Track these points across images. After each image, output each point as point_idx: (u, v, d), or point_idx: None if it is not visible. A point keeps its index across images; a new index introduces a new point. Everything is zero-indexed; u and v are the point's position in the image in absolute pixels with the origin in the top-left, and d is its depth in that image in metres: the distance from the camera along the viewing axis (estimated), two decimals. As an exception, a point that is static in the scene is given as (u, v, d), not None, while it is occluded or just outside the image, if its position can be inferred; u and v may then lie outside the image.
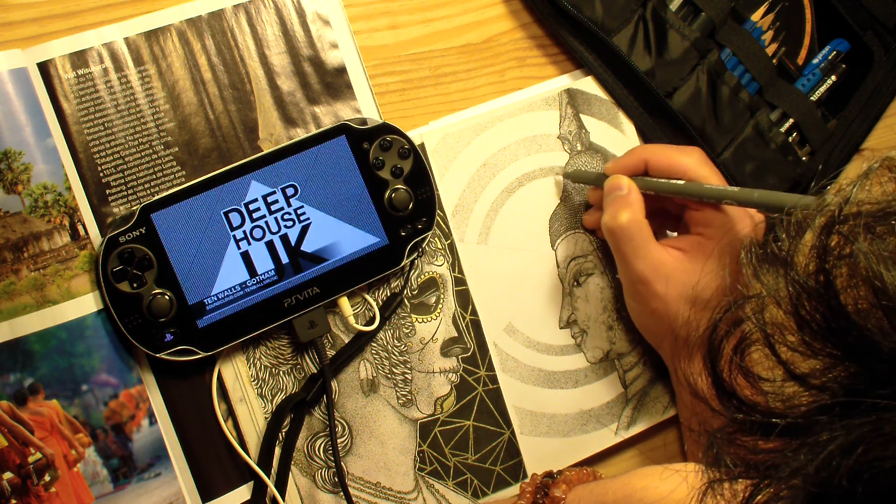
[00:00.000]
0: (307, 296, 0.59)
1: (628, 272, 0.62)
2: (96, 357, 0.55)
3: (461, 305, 0.65)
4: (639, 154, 0.64)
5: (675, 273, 0.60)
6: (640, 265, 0.61)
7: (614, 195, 0.62)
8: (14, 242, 0.54)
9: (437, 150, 0.64)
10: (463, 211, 0.65)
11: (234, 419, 0.60)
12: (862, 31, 0.74)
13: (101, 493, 0.55)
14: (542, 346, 0.67)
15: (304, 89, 0.61)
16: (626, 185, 0.62)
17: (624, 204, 0.61)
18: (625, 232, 0.61)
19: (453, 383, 0.64)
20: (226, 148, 0.59)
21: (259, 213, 0.58)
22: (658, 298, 0.61)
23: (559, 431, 0.67)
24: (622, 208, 0.61)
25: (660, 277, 0.60)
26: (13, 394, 0.53)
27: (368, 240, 0.60)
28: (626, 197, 0.62)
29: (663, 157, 0.62)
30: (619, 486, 0.53)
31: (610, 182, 0.63)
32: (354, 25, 0.63)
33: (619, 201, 0.62)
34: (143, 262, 0.55)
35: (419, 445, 0.63)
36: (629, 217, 0.61)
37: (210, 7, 0.59)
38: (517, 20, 0.68)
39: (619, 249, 0.62)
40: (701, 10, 0.68)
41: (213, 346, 0.57)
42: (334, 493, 0.61)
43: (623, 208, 0.61)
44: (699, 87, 0.67)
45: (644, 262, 0.61)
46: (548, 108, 0.68)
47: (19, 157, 0.54)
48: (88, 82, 0.56)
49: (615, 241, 0.62)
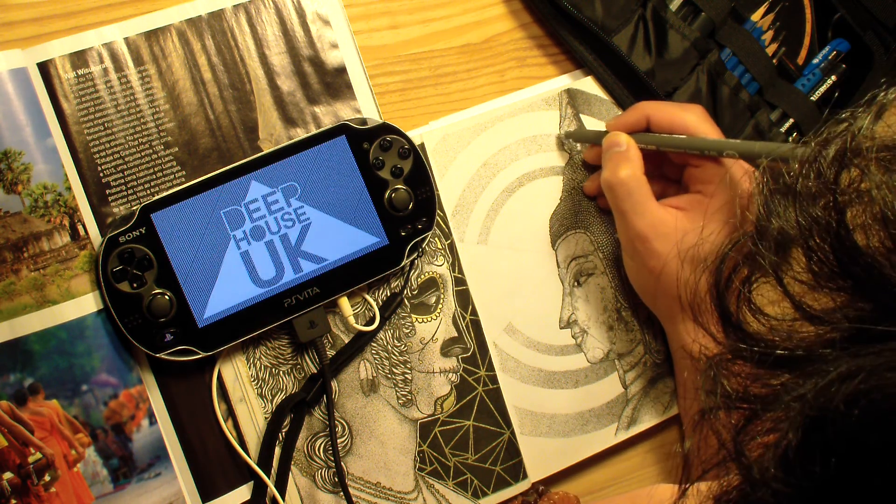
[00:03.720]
0: (307, 296, 0.59)
1: (627, 229, 0.62)
2: (96, 357, 0.55)
3: (461, 305, 0.65)
4: (640, 110, 0.63)
5: (674, 231, 0.60)
6: (638, 222, 0.60)
7: (613, 151, 0.62)
8: (14, 242, 0.54)
9: (437, 150, 0.64)
10: (463, 211, 0.65)
11: (234, 419, 0.60)
12: (862, 31, 0.74)
13: (101, 493, 0.55)
14: (542, 346, 0.67)
15: (304, 89, 0.61)
16: (624, 142, 0.62)
17: (623, 159, 0.61)
18: (624, 187, 0.61)
19: (453, 383, 0.64)
20: (226, 148, 0.59)
21: (259, 213, 0.58)
22: (656, 256, 0.60)
23: (559, 431, 0.67)
24: (621, 163, 0.61)
25: (658, 235, 0.60)
26: (13, 394, 0.53)
27: (368, 240, 0.60)
28: (626, 153, 0.61)
29: (665, 113, 0.62)
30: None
31: (609, 139, 0.63)
32: (354, 25, 0.63)
33: (617, 157, 0.62)
34: (143, 262, 0.55)
35: (419, 445, 0.63)
36: (628, 172, 0.61)
37: (210, 7, 0.59)
38: (517, 20, 0.68)
39: (617, 206, 0.62)
40: (701, 10, 0.68)
41: (213, 346, 0.57)
42: (334, 493, 0.61)
43: (622, 163, 0.61)
44: (699, 87, 0.67)
45: (643, 218, 0.60)
46: (548, 108, 0.68)
47: (19, 157, 0.54)
48: (88, 82, 0.56)
49: (614, 197, 0.62)
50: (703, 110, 0.63)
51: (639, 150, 0.62)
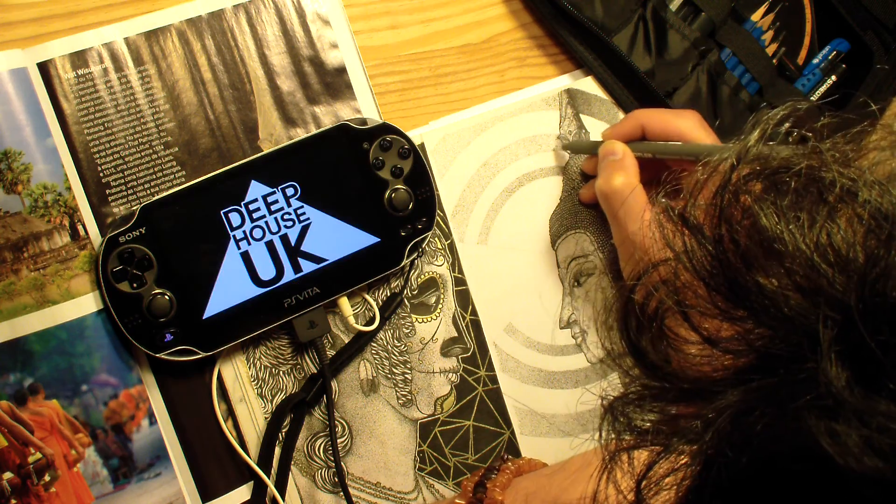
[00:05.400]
0: (307, 296, 0.59)
1: (623, 236, 0.62)
2: (96, 357, 0.55)
3: (461, 305, 0.65)
4: (635, 118, 0.63)
5: None
6: (634, 229, 0.60)
7: (609, 160, 0.62)
8: (14, 242, 0.54)
9: (437, 150, 0.64)
10: (463, 211, 0.65)
11: (234, 419, 0.60)
12: (862, 31, 0.74)
13: (101, 493, 0.55)
14: (542, 346, 0.67)
15: (304, 89, 0.61)
16: (620, 150, 0.62)
17: (618, 168, 0.61)
18: (619, 195, 0.61)
19: (453, 383, 0.64)
20: (226, 148, 0.59)
21: (259, 213, 0.58)
22: None
23: (559, 431, 0.67)
24: (616, 172, 0.61)
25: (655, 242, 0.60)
26: (13, 394, 0.53)
27: (368, 240, 0.60)
28: (621, 161, 0.62)
29: (660, 120, 0.62)
30: (565, 484, 0.52)
31: (604, 148, 0.63)
32: (354, 25, 0.63)
33: (613, 165, 0.62)
34: (143, 262, 0.55)
35: (419, 445, 0.63)
36: (623, 181, 0.61)
37: (210, 7, 0.59)
38: (517, 20, 0.68)
39: (613, 213, 0.62)
40: (701, 10, 0.68)
41: (213, 346, 0.57)
42: (334, 493, 0.61)
43: (617, 172, 0.61)
44: (699, 87, 0.67)
45: (639, 225, 0.60)
46: (548, 108, 0.68)
47: (19, 157, 0.54)
48: (88, 82, 0.56)
49: (609, 205, 0.62)
50: (698, 116, 0.63)
51: (634, 159, 0.62)
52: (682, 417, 0.29)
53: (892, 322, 0.25)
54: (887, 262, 0.26)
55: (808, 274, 0.27)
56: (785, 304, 0.27)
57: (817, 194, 0.28)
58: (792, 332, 0.27)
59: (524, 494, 0.54)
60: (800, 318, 0.27)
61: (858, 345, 0.25)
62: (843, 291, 0.26)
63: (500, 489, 0.55)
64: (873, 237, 0.27)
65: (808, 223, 0.28)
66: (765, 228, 0.28)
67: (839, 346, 0.25)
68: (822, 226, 0.27)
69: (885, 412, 0.24)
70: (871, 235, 0.27)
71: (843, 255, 0.27)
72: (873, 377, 0.25)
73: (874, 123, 0.31)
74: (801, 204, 0.28)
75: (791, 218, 0.28)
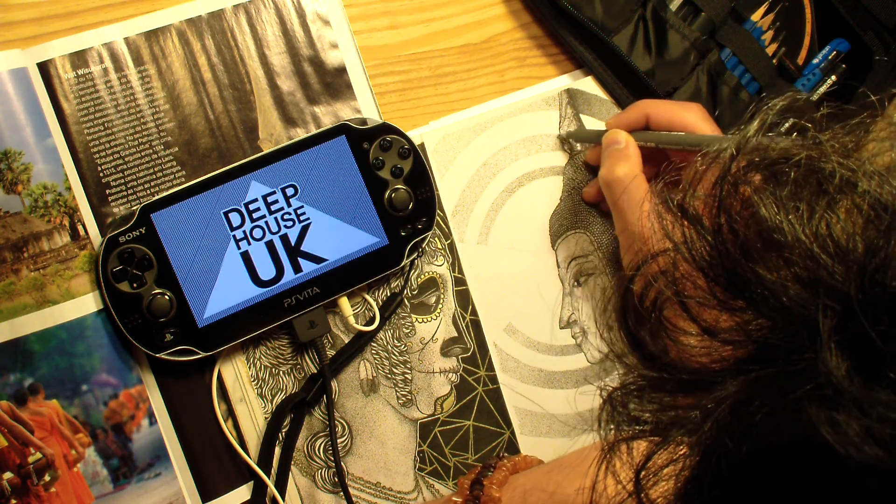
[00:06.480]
0: (307, 296, 0.59)
1: (624, 225, 0.62)
2: (96, 357, 0.55)
3: (461, 305, 0.65)
4: (640, 108, 0.63)
5: None
6: (634, 219, 0.60)
7: (612, 149, 0.62)
8: (14, 242, 0.54)
9: (437, 150, 0.64)
10: (463, 211, 0.65)
11: (234, 419, 0.59)
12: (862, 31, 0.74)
13: (101, 493, 0.55)
14: (542, 346, 0.67)
15: (304, 89, 0.61)
16: (623, 139, 0.62)
17: (621, 157, 0.61)
18: (621, 184, 0.61)
19: (453, 383, 0.64)
20: (226, 148, 0.59)
21: (259, 213, 0.58)
22: None
23: (559, 431, 0.67)
24: (619, 161, 0.61)
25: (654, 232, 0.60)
26: (13, 394, 0.53)
27: (368, 240, 0.60)
28: (624, 150, 0.61)
29: (664, 111, 0.62)
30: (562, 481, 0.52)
31: (608, 137, 0.63)
32: (354, 25, 0.63)
33: (616, 154, 0.62)
34: (143, 262, 0.55)
35: (419, 445, 0.63)
36: (626, 170, 0.61)
37: (210, 7, 0.59)
38: (517, 20, 0.68)
39: (615, 203, 0.62)
40: (701, 10, 0.68)
41: (213, 346, 0.57)
42: (334, 493, 0.61)
43: (620, 161, 0.61)
44: (699, 87, 0.67)
45: (638, 215, 0.60)
46: (548, 108, 0.68)
47: (19, 157, 0.54)
48: (88, 82, 0.56)
49: (611, 195, 0.62)
50: (702, 109, 0.63)
51: (637, 148, 0.62)
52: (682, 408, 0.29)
53: (891, 312, 0.25)
54: (887, 253, 0.26)
55: (807, 264, 0.27)
56: (784, 295, 0.27)
57: (817, 185, 0.28)
58: (791, 323, 0.27)
59: (521, 491, 0.54)
60: (799, 309, 0.27)
61: (858, 334, 0.25)
62: (843, 281, 0.26)
63: (496, 486, 0.55)
64: (873, 227, 0.27)
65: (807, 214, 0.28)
66: (764, 219, 0.28)
67: (839, 335, 0.25)
68: (821, 216, 0.27)
69: (885, 401, 0.24)
70: (871, 226, 0.27)
71: (843, 245, 0.27)
72: (873, 367, 0.25)
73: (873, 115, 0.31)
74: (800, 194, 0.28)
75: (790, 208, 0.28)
